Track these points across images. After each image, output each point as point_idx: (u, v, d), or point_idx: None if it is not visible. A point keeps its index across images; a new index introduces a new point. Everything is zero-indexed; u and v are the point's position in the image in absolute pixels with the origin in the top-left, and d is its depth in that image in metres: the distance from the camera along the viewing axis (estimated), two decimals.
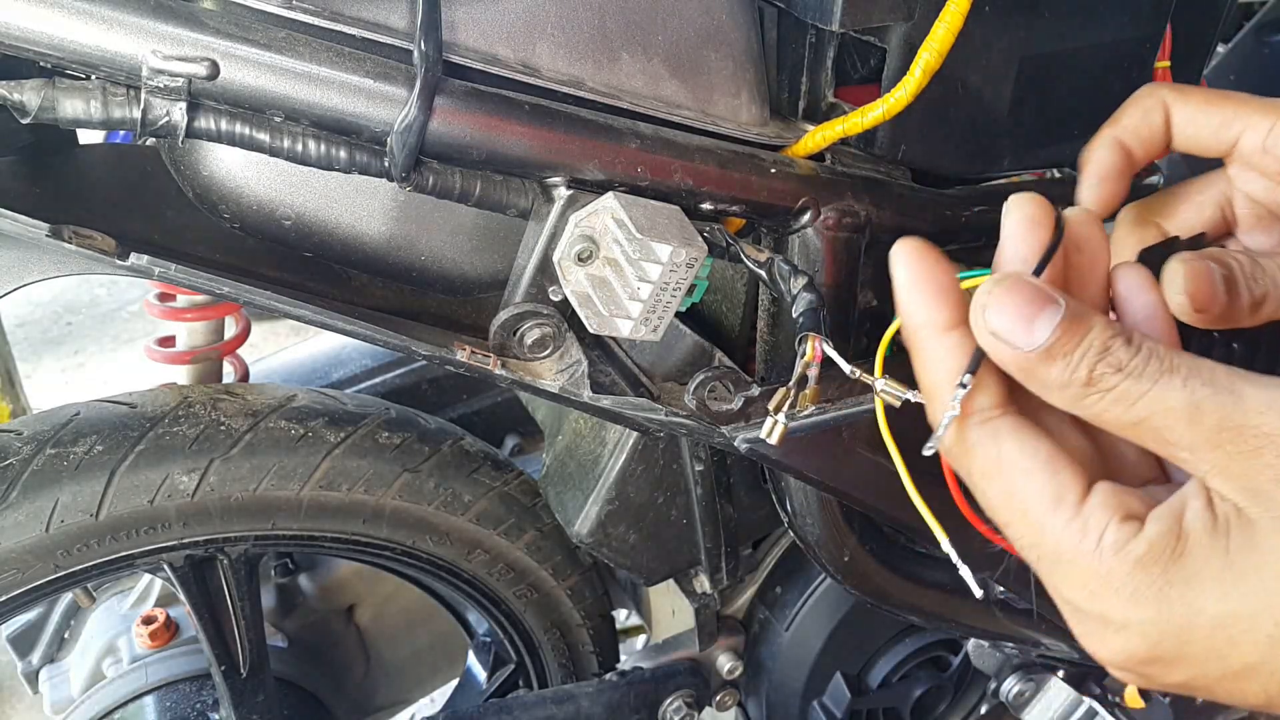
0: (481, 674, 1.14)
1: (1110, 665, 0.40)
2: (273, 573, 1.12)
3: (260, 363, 1.21)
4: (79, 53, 0.48)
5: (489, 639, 1.14)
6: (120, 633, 1.06)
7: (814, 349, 0.54)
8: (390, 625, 1.20)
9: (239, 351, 1.03)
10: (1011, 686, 1.15)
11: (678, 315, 0.65)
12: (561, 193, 0.59)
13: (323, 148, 0.54)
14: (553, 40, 0.58)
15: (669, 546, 0.90)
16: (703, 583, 0.99)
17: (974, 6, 0.60)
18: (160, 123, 0.50)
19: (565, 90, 0.59)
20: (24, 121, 0.50)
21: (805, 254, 0.68)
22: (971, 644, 1.18)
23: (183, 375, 0.97)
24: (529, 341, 0.63)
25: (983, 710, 1.29)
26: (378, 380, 1.21)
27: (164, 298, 0.94)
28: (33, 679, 1.12)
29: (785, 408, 0.53)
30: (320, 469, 0.84)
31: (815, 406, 0.70)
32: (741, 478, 0.91)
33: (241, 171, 0.63)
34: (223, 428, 0.81)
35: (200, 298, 0.93)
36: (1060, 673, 1.12)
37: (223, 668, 0.91)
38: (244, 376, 1.05)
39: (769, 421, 0.53)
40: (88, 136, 0.69)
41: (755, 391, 0.68)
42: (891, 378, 0.47)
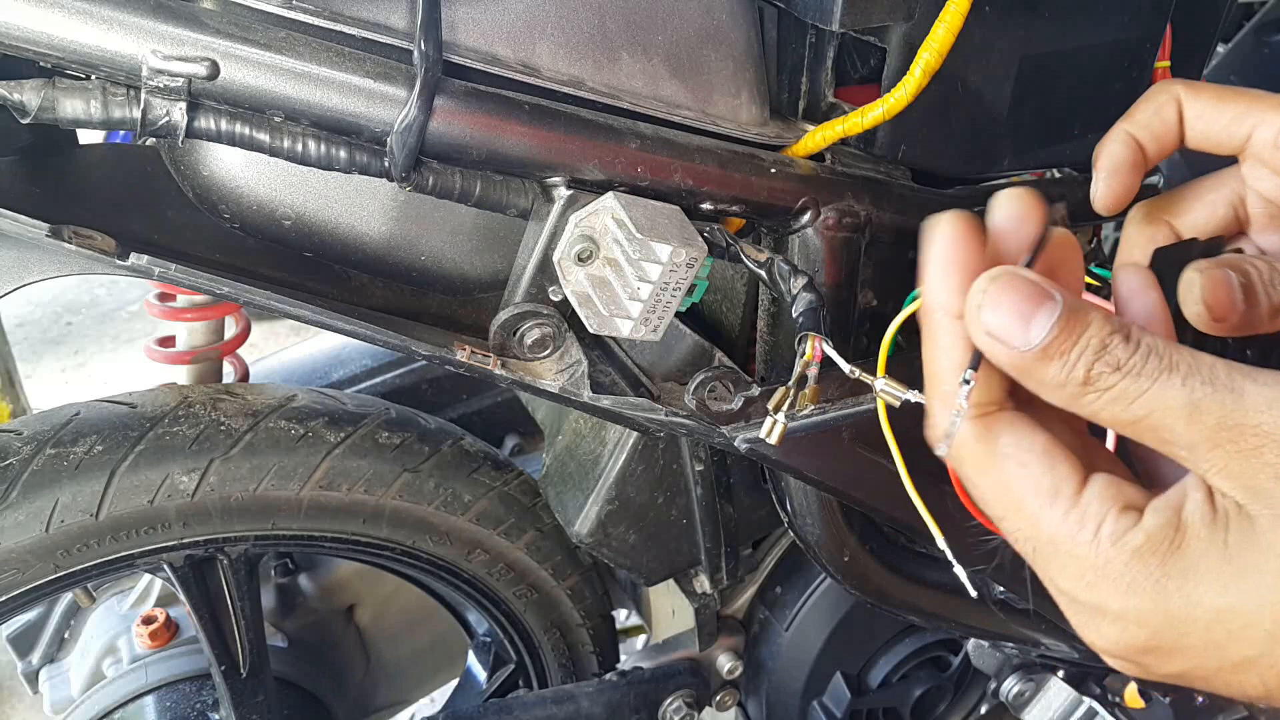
0: (481, 674, 1.14)
1: (1107, 655, 0.40)
2: (273, 573, 1.12)
3: (260, 363, 1.21)
4: (79, 53, 0.48)
5: (489, 639, 1.14)
6: (120, 633, 1.06)
7: (814, 349, 0.54)
8: (390, 625, 1.20)
9: (239, 351, 1.02)
10: (1011, 686, 1.15)
11: (678, 315, 0.65)
12: (561, 193, 0.59)
13: (323, 148, 0.54)
14: (553, 40, 0.58)
15: (669, 546, 0.90)
16: (703, 583, 0.99)
17: (974, 6, 0.60)
18: (160, 123, 0.50)
19: (565, 90, 0.59)
20: (24, 121, 0.50)
21: (805, 254, 0.68)
22: (971, 644, 1.18)
23: (183, 375, 0.97)
24: (529, 341, 0.63)
25: (983, 710, 1.29)
26: (378, 380, 1.21)
27: (164, 298, 0.94)
28: (33, 679, 1.12)
29: (785, 407, 0.53)
30: (320, 469, 0.84)
31: (815, 406, 0.70)
32: (741, 478, 0.91)
33: (241, 171, 0.63)
34: (223, 428, 0.81)
35: (200, 298, 0.93)
36: (1060, 673, 1.12)
37: (223, 668, 0.91)
38: (244, 376, 1.05)
39: (768, 421, 0.53)
40: (88, 136, 0.69)
41: (755, 391, 0.68)
42: (892, 377, 0.47)
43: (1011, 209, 0.41)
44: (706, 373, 0.67)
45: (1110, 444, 0.41)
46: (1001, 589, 0.92)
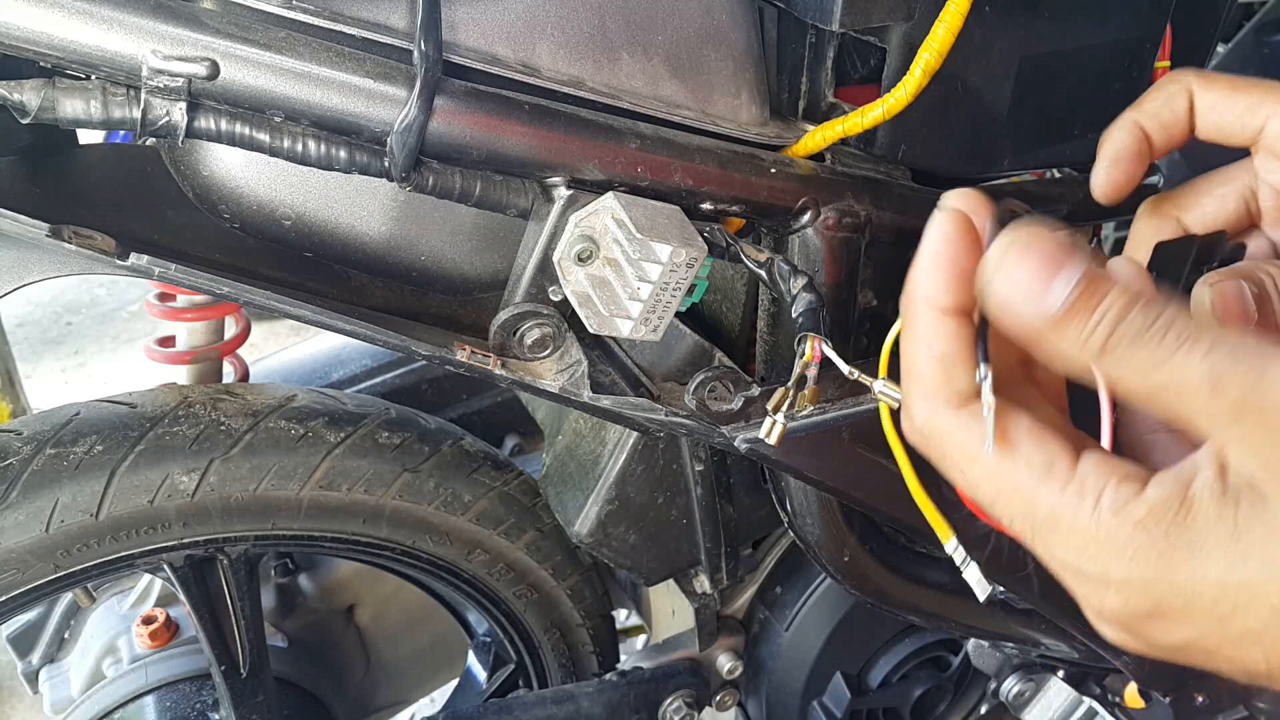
0: (481, 674, 1.14)
1: (1111, 622, 0.39)
2: (273, 573, 1.12)
3: (260, 363, 1.21)
4: (79, 53, 0.48)
5: (489, 639, 1.14)
6: (120, 633, 1.06)
7: (813, 349, 0.54)
8: (390, 625, 1.20)
9: (239, 351, 1.02)
10: (1011, 686, 1.15)
11: (678, 315, 0.65)
12: (561, 193, 0.59)
13: (323, 148, 0.54)
14: (553, 40, 0.58)
15: (669, 546, 0.90)
16: (703, 583, 0.99)
17: (974, 6, 0.60)
18: (160, 123, 0.50)
19: (565, 90, 0.59)
20: (24, 121, 0.50)
21: (805, 254, 0.68)
22: (971, 644, 1.18)
23: (183, 375, 0.97)
24: (529, 341, 0.63)
25: (983, 710, 1.29)
26: (378, 380, 1.21)
27: (164, 298, 0.94)
28: (33, 679, 1.12)
29: (784, 407, 0.53)
30: (320, 469, 0.84)
31: (815, 406, 0.70)
32: (741, 478, 0.91)
33: (241, 171, 0.63)
34: (223, 428, 0.81)
35: (200, 298, 0.93)
36: (1060, 673, 1.12)
37: (223, 668, 0.91)
38: (244, 376, 1.05)
39: (768, 421, 0.53)
40: (88, 136, 0.69)
41: (755, 391, 0.68)
42: (890, 378, 0.47)
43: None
44: (706, 373, 0.67)
45: (1105, 441, 0.40)
46: (1002, 589, 0.92)
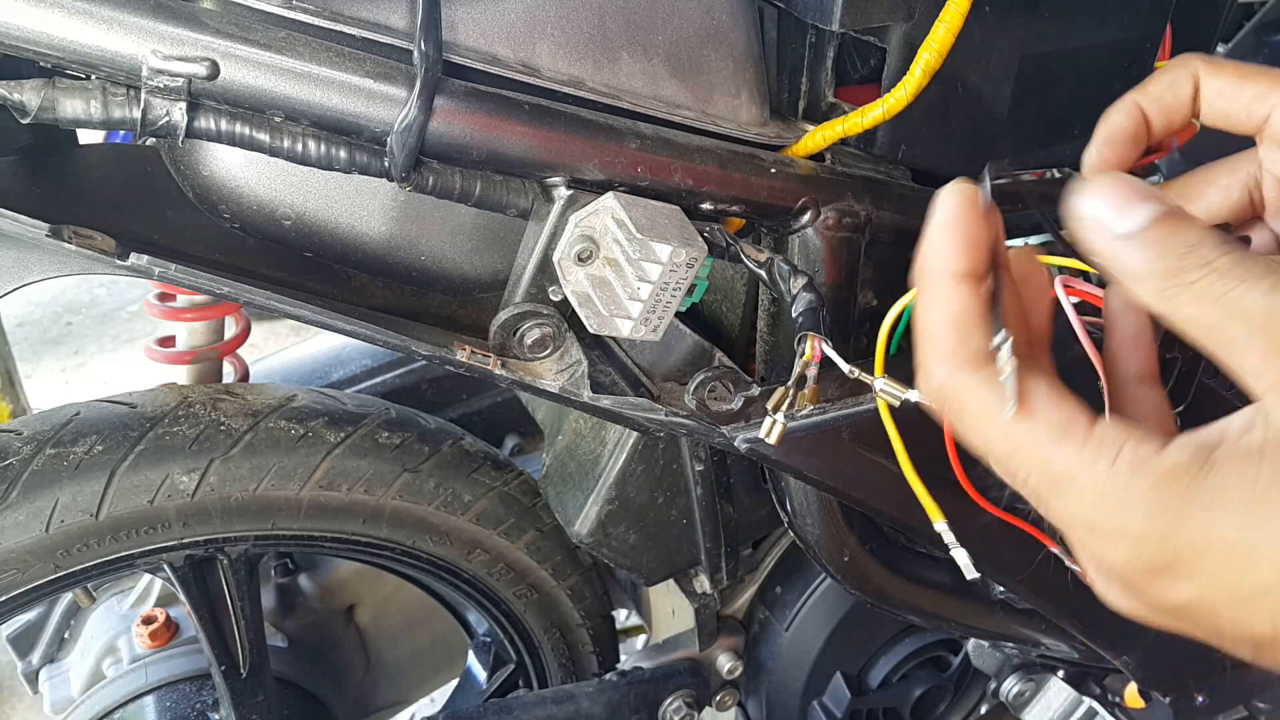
0: (481, 674, 1.14)
1: (1118, 578, 0.39)
2: (273, 573, 1.12)
3: (260, 363, 1.21)
4: (79, 53, 0.48)
5: (489, 639, 1.14)
6: (120, 633, 1.06)
7: (813, 349, 0.54)
8: (390, 625, 1.20)
9: (239, 351, 1.02)
10: (1011, 686, 1.15)
11: (678, 315, 0.65)
12: (561, 193, 0.59)
13: (323, 148, 0.54)
14: (553, 40, 0.58)
15: (669, 546, 0.90)
16: (703, 583, 0.99)
17: (974, 6, 0.60)
18: (160, 123, 0.50)
19: (565, 90, 0.59)
20: (24, 121, 0.50)
21: (805, 254, 0.68)
22: (971, 644, 1.18)
23: (183, 375, 0.97)
24: (529, 341, 0.63)
25: (983, 710, 1.30)
26: (378, 380, 1.21)
27: (164, 298, 0.94)
28: (33, 679, 1.12)
29: (784, 407, 0.53)
30: (320, 469, 0.84)
31: (815, 406, 0.70)
32: (741, 478, 0.91)
33: (241, 171, 0.63)
34: (223, 428, 0.81)
35: (200, 298, 0.93)
36: (1060, 673, 1.12)
37: (223, 668, 0.91)
38: (244, 376, 1.05)
39: (768, 421, 0.53)
40: (88, 136, 0.69)
41: (755, 391, 0.68)
42: (891, 377, 0.47)
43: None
44: (706, 373, 0.67)
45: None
46: (1002, 589, 0.92)
